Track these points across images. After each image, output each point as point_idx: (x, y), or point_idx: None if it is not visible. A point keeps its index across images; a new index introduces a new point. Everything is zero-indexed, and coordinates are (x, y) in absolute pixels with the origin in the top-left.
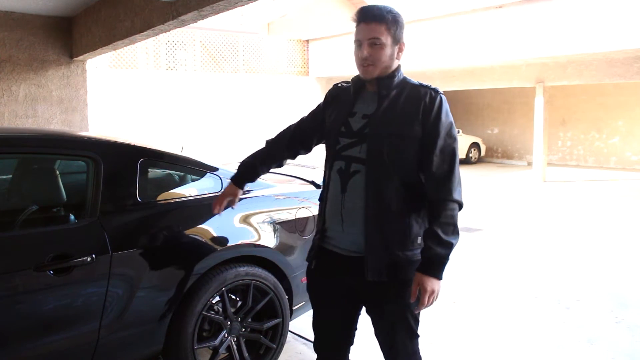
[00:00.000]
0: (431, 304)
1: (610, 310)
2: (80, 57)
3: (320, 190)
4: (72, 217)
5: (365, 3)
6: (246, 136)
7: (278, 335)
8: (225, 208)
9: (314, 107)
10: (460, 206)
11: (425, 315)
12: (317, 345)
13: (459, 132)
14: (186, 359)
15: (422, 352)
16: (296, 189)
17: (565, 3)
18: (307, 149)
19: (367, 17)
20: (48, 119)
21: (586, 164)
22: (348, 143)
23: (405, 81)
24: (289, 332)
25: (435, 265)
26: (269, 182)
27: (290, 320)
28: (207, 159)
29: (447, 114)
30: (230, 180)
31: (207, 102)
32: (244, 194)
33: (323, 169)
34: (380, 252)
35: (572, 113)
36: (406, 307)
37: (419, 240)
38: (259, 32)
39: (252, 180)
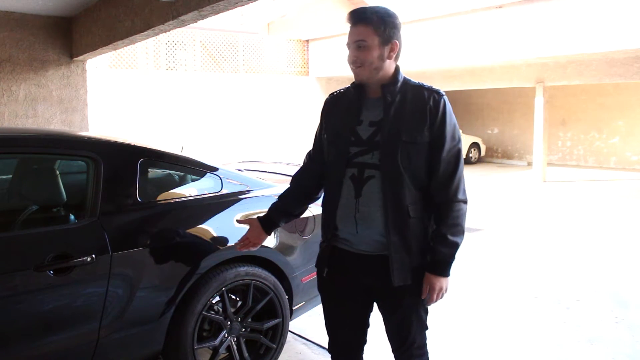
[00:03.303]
0: (441, 297)
1: (610, 310)
2: (80, 57)
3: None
4: (72, 217)
5: (366, 3)
6: (246, 136)
7: (278, 335)
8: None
9: (310, 111)
10: (466, 203)
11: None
12: (332, 346)
13: None
14: (186, 359)
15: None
16: None
17: (565, 3)
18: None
19: (354, 20)
20: (48, 119)
21: (586, 164)
22: (359, 151)
23: (406, 83)
24: (289, 332)
25: (443, 265)
26: (269, 182)
27: (290, 320)
28: (207, 159)
29: (451, 116)
30: (258, 221)
31: (207, 102)
32: (244, 194)
33: (327, 178)
34: (405, 259)
35: (572, 113)
36: (419, 301)
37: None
38: (259, 32)
39: (280, 225)
